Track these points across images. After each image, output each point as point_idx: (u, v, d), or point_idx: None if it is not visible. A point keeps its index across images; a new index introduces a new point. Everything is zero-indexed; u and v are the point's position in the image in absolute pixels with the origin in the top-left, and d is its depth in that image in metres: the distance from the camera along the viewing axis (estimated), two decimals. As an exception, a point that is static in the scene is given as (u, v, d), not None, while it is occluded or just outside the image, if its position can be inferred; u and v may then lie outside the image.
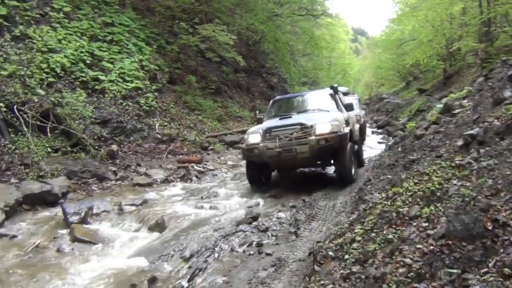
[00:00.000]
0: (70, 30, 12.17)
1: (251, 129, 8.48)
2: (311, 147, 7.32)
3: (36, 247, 5.70)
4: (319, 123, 7.52)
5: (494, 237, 2.55)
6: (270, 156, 7.55)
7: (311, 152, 7.36)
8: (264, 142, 7.65)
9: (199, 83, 17.69)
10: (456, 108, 7.67)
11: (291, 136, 7.47)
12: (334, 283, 3.17)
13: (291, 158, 7.53)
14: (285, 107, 9.58)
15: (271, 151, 7.50)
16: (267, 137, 7.73)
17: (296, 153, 7.40)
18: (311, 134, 7.37)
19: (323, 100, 9.20)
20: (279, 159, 7.55)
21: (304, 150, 7.35)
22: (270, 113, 9.54)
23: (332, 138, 7.32)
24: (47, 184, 7.59)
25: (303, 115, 8.37)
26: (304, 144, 7.36)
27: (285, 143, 7.45)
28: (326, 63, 38.40)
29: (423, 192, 3.79)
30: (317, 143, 7.30)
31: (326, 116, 7.93)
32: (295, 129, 7.55)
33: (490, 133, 4.22)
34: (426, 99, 21.38)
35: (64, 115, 9.61)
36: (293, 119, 8.06)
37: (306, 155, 7.42)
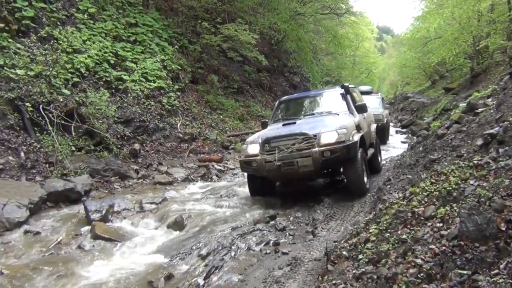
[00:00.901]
0: (95, 30, 12.42)
1: (250, 138, 7.72)
2: (314, 159, 6.58)
3: (59, 243, 5.86)
4: (324, 132, 6.78)
5: (507, 238, 2.49)
6: (269, 169, 6.82)
7: (315, 165, 6.62)
8: (263, 154, 6.94)
9: (221, 83, 17.79)
10: (480, 107, 7.50)
11: (292, 148, 6.73)
12: (346, 283, 3.16)
13: (292, 172, 6.80)
14: (292, 109, 8.91)
15: (270, 164, 6.76)
16: (266, 148, 7.00)
17: (298, 166, 6.66)
18: (315, 145, 6.64)
19: (333, 101, 8.43)
20: (279, 173, 6.82)
21: (307, 163, 6.62)
22: (276, 116, 8.90)
23: (338, 150, 6.58)
24: (71, 182, 7.78)
25: (308, 121, 7.65)
26: (306, 157, 6.62)
27: (286, 155, 6.71)
28: (350, 62, 38.14)
29: (440, 192, 3.73)
30: (321, 155, 6.57)
31: (333, 123, 7.14)
32: (296, 139, 6.79)
33: (510, 132, 4.11)
34: (452, 98, 20.96)
35: (88, 114, 9.81)
36: (295, 127, 7.29)
37: (310, 169, 6.69)
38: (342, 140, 6.66)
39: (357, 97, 9.14)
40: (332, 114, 7.86)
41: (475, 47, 21.17)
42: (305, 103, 8.95)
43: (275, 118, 8.76)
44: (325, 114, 7.95)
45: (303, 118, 7.95)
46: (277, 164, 6.66)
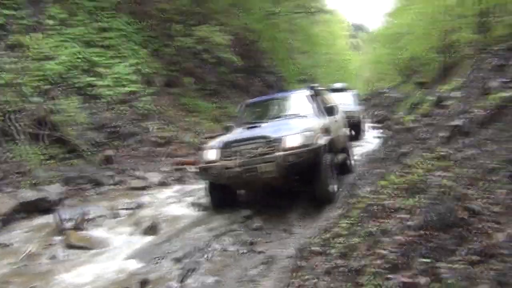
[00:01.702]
0: (66, 36, 12.22)
1: (210, 143, 7.29)
2: (278, 165, 6.09)
3: (30, 254, 5.72)
4: (287, 135, 6.33)
5: (468, 225, 2.55)
6: (229, 176, 6.32)
7: (279, 171, 6.13)
8: (223, 160, 6.44)
9: (196, 85, 17.69)
10: (447, 100, 7.66)
11: (255, 152, 6.27)
12: (317, 277, 3.18)
13: (255, 178, 6.32)
14: (257, 112, 8.51)
15: (230, 171, 6.27)
16: (226, 153, 6.52)
17: (260, 172, 6.15)
18: (279, 149, 6.17)
19: (301, 103, 8.07)
20: (240, 180, 6.37)
21: (270, 168, 6.11)
22: (241, 119, 8.47)
23: (303, 153, 6.15)
24: (43, 192, 7.62)
25: (273, 124, 7.25)
26: (269, 162, 6.12)
27: (247, 160, 6.22)
28: (325, 60, 38.35)
29: (407, 185, 3.80)
30: (285, 160, 6.09)
31: (298, 125, 6.75)
32: (259, 143, 6.34)
33: (474, 123, 4.22)
34: (424, 92, 21.31)
35: (59, 122, 9.65)
36: (258, 131, 6.92)
37: (273, 175, 6.18)
38: (307, 143, 6.24)
39: (326, 99, 8.88)
40: (299, 116, 7.49)
41: (445, 41, 21.59)
42: (271, 105, 8.62)
43: (240, 122, 8.32)
44: (292, 116, 7.57)
45: (268, 121, 7.51)
46: (238, 170, 6.20)
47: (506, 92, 4.43)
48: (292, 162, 6.13)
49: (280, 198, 7.23)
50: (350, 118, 14.89)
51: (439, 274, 2.21)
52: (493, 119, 3.95)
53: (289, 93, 9.22)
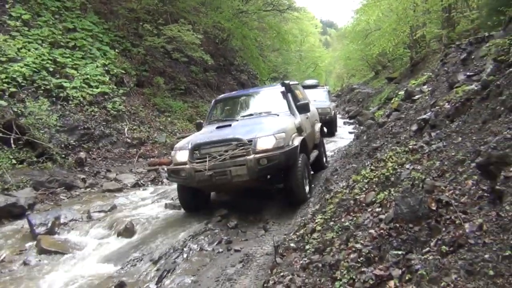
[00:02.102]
0: (30, 38, 11.91)
1: (180, 143, 7.01)
2: (249, 168, 5.89)
3: (2, 261, 5.60)
4: (260, 137, 6.14)
5: (438, 217, 2.62)
6: (199, 180, 6.10)
7: (250, 174, 5.92)
8: (192, 162, 6.18)
9: (168, 84, 17.55)
10: (417, 94, 7.82)
11: (225, 155, 6.03)
12: (293, 274, 3.21)
13: (226, 182, 6.11)
14: (229, 110, 8.35)
15: (200, 174, 6.03)
16: (196, 155, 6.29)
17: (231, 176, 5.97)
18: (250, 151, 5.97)
19: (273, 100, 7.84)
20: (211, 183, 6.14)
21: (241, 172, 5.93)
22: (211, 116, 8.26)
23: (276, 157, 5.96)
24: (12, 197, 7.45)
25: (244, 123, 7.06)
26: (241, 165, 5.93)
27: (218, 164, 5.99)
28: (296, 57, 38.68)
29: (379, 178, 3.88)
30: (257, 163, 5.89)
31: (271, 126, 6.53)
32: (230, 145, 6.12)
33: (441, 116, 4.33)
34: (394, 87, 21.75)
35: (28, 125, 9.42)
36: (229, 131, 6.69)
37: (245, 178, 5.98)
38: (280, 145, 6.10)
39: (300, 95, 8.72)
40: (272, 115, 7.32)
41: (412, 36, 22.05)
42: (242, 102, 8.37)
43: (210, 119, 8.17)
44: (264, 115, 7.40)
45: (240, 120, 7.41)
46: (208, 174, 5.94)
47: (470, 85, 4.56)
48: (265, 166, 5.93)
49: (255, 197, 7.24)
50: (323, 115, 14.91)
51: (411, 265, 2.27)
52: (458, 112, 4.05)
53: (262, 89, 8.97)
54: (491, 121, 3.33)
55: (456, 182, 2.88)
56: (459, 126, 3.81)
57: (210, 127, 7.47)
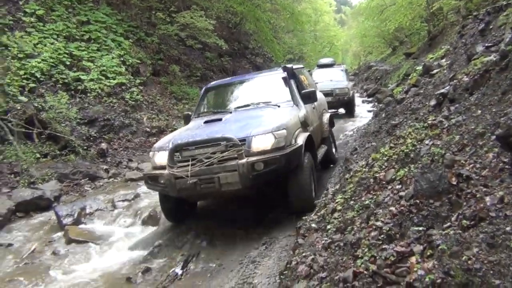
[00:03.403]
0: (46, 33, 12.05)
1: (160, 142, 6.01)
2: (242, 175, 4.83)
3: (32, 252, 5.78)
4: (256, 135, 5.05)
5: (458, 191, 2.60)
6: (181, 188, 5.05)
7: (243, 182, 4.87)
8: (172, 167, 5.10)
9: (184, 72, 17.61)
10: (435, 68, 7.69)
11: (213, 158, 4.97)
12: (315, 253, 3.23)
13: (213, 192, 5.08)
14: (221, 99, 7.24)
15: (182, 181, 4.97)
16: (177, 158, 5.23)
17: (219, 184, 4.91)
18: (242, 154, 4.89)
19: (274, 88, 6.70)
20: (196, 193, 5.10)
21: (232, 179, 4.88)
22: (201, 107, 7.14)
23: (275, 160, 4.89)
24: (39, 190, 7.64)
25: (238, 116, 5.98)
26: (231, 171, 4.87)
27: (203, 169, 4.93)
28: (311, 38, 38.23)
29: (398, 156, 3.85)
30: (251, 169, 4.83)
31: (270, 120, 5.42)
32: (218, 146, 5.02)
33: (459, 90, 4.25)
34: (413, 63, 21.35)
35: (49, 119, 9.60)
36: (219, 128, 5.54)
37: (236, 187, 4.93)
38: (281, 145, 5.03)
39: (305, 81, 7.59)
40: (271, 106, 6.22)
41: (429, 9, 21.52)
42: (238, 90, 7.14)
43: (199, 110, 7.05)
44: (262, 106, 6.30)
45: (233, 112, 6.29)
46: (191, 181, 4.90)
47: (488, 56, 4.46)
48: (261, 172, 4.87)
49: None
50: (341, 96, 14.75)
51: (432, 241, 2.27)
52: (477, 84, 3.97)
53: (260, 74, 7.59)
54: (510, 92, 3.26)
55: (476, 156, 2.84)
56: (478, 98, 3.75)
57: (198, 121, 6.43)
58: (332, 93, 14.56)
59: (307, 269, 2.97)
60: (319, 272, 2.80)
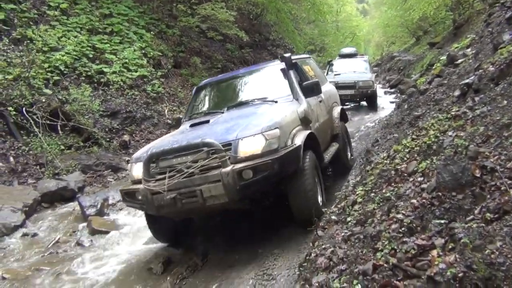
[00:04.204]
0: (69, 26, 12.23)
1: (139, 152, 5.23)
2: (227, 186, 4.08)
3: (57, 242, 5.92)
4: (242, 137, 4.34)
5: (482, 184, 2.54)
6: (160, 205, 4.33)
7: (230, 195, 4.13)
8: (148, 181, 4.40)
9: (205, 64, 17.64)
10: (459, 58, 7.51)
11: (194, 167, 4.22)
12: (335, 246, 3.21)
13: (198, 207, 4.32)
14: (214, 98, 6.51)
15: (160, 197, 4.27)
16: (154, 170, 4.54)
17: (203, 198, 4.18)
18: (226, 161, 4.17)
19: (271, 82, 6.01)
20: (177, 210, 4.35)
21: (217, 192, 4.13)
22: (191, 109, 6.45)
23: (267, 165, 4.14)
24: (63, 181, 7.81)
25: (228, 117, 5.28)
26: (215, 182, 4.13)
27: (182, 181, 4.21)
28: (333, 28, 37.79)
29: (420, 147, 3.78)
30: (237, 178, 4.08)
31: (262, 119, 4.68)
32: (198, 153, 4.28)
33: (485, 80, 4.14)
34: (437, 52, 20.93)
35: (73, 111, 9.78)
36: (203, 131, 4.88)
37: (222, 200, 4.19)
38: (273, 147, 4.31)
39: (310, 72, 6.81)
40: (268, 102, 5.53)
41: (455, -2, 21.04)
42: (232, 87, 6.48)
43: (190, 112, 6.39)
44: (258, 102, 5.59)
45: (225, 112, 5.60)
46: (170, 196, 4.20)
47: (517, 45, 4.34)
48: (250, 181, 4.12)
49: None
50: (364, 89, 14.19)
51: (454, 234, 2.22)
52: (503, 74, 3.86)
53: (257, 67, 6.75)
54: (538, 81, 3.16)
55: (501, 147, 2.77)
56: (504, 88, 3.64)
57: (187, 124, 5.82)
58: (355, 86, 14.19)
59: (327, 262, 2.94)
60: (338, 265, 2.77)
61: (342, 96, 14.11)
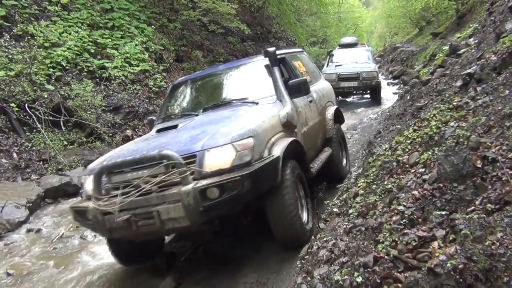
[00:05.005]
0: (70, 21, 12.19)
1: (96, 161, 4.49)
2: (188, 207, 3.41)
3: (61, 237, 5.95)
4: (209, 148, 3.65)
5: (483, 174, 2.53)
6: (112, 228, 3.69)
7: (192, 218, 3.46)
8: (99, 199, 3.75)
9: (207, 58, 17.59)
10: (462, 48, 7.46)
11: (151, 183, 3.57)
12: (336, 238, 3.21)
13: (156, 231, 3.73)
14: (190, 98, 5.83)
15: (112, 218, 3.61)
16: (108, 185, 3.86)
17: (161, 221, 3.53)
18: (188, 177, 3.50)
19: (253, 80, 5.37)
20: (131, 233, 3.70)
21: (176, 214, 3.47)
22: (165, 110, 5.81)
23: (235, 183, 3.46)
24: (66, 176, 7.83)
25: (199, 121, 4.61)
26: (174, 202, 3.47)
27: (137, 200, 3.56)
28: (335, 20, 37.53)
29: (422, 138, 3.77)
30: (200, 198, 3.42)
31: (233, 126, 3.98)
32: (157, 167, 3.61)
33: (487, 69, 4.11)
34: (440, 43, 20.79)
35: (75, 107, 9.78)
36: (166, 139, 4.23)
37: (183, 224, 3.52)
38: (245, 160, 3.62)
39: (300, 68, 6.14)
40: (248, 103, 4.84)
41: (457, -13, 20.87)
42: (210, 86, 5.86)
43: (163, 114, 5.72)
44: (237, 104, 4.92)
45: (200, 114, 4.98)
46: (123, 218, 3.55)
47: (519, 34, 4.30)
48: (216, 201, 3.46)
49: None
50: (368, 81, 13.56)
51: (455, 225, 2.21)
52: (505, 63, 3.82)
53: (237, 63, 6.04)
54: (541, 70, 3.13)
55: (503, 138, 2.75)
56: (506, 78, 3.61)
57: (157, 127, 5.19)
58: (358, 77, 13.64)
59: (328, 254, 2.94)
60: (340, 257, 2.77)
61: (345, 88, 13.97)
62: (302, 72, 6.01)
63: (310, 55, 20.12)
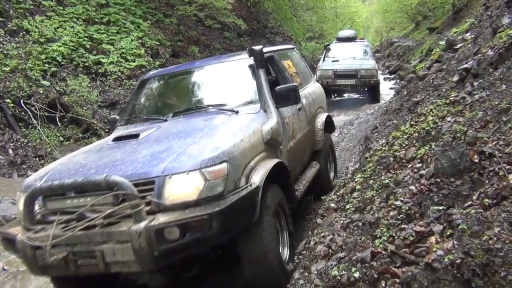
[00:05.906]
0: (65, 16, 12.13)
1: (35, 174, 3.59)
2: (139, 251, 2.64)
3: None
4: (171, 174, 2.87)
5: (480, 169, 2.53)
6: (45, 266, 2.85)
7: (143, 263, 2.70)
8: (29, 230, 2.93)
9: (203, 53, 17.54)
10: (458, 43, 7.46)
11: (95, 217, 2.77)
12: (334, 233, 3.21)
13: (98, 272, 2.87)
14: (160, 98, 5.04)
15: (43, 253, 2.78)
16: (45, 211, 3.07)
17: (104, 263, 2.75)
18: (141, 212, 2.68)
19: (235, 81, 4.56)
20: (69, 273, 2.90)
21: (124, 258, 2.71)
22: (131, 110, 4.90)
23: (201, 222, 2.70)
24: (63, 172, 7.79)
25: (165, 131, 3.78)
26: (121, 243, 2.70)
27: (77, 235, 2.76)
28: (331, 15, 37.51)
29: (419, 133, 3.77)
30: (157, 239, 2.65)
31: (204, 143, 3.22)
32: (103, 196, 2.80)
33: (484, 64, 4.11)
34: (436, 38, 20.79)
35: (71, 102, 9.74)
36: (124, 154, 3.33)
37: (133, 269, 2.77)
38: (216, 192, 2.89)
39: (290, 69, 5.43)
40: (226, 111, 4.04)
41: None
42: (184, 85, 5.00)
43: (126, 114, 4.82)
44: (213, 110, 4.14)
45: (169, 119, 4.21)
46: (58, 257, 2.75)
47: (515, 28, 4.30)
48: (175, 244, 2.70)
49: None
50: (367, 79, 12.86)
51: (452, 220, 2.21)
52: (502, 58, 3.83)
53: (217, 60, 5.19)
54: (538, 65, 3.13)
55: (500, 132, 2.75)
56: (503, 73, 3.61)
57: (116, 133, 4.33)
58: (356, 75, 12.89)
59: (326, 249, 2.95)
60: (337, 252, 2.78)
61: (342, 86, 13.40)
62: (292, 73, 5.36)
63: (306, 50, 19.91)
